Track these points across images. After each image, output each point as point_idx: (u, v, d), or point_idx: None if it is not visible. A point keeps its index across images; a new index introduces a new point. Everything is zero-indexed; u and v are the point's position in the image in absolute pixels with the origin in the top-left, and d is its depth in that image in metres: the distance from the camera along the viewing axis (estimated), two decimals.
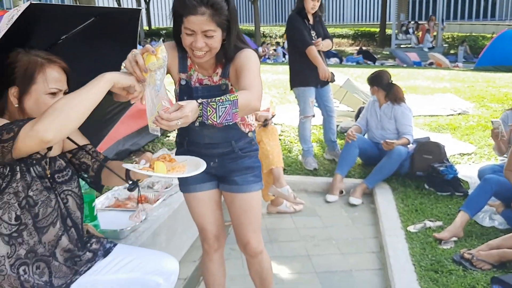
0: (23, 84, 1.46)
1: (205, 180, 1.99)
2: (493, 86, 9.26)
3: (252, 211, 2.04)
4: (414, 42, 22.23)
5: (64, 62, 1.54)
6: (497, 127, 3.42)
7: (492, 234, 3.08)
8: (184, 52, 1.81)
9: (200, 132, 1.90)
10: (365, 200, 3.95)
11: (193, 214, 2.08)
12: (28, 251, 1.53)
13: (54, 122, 1.29)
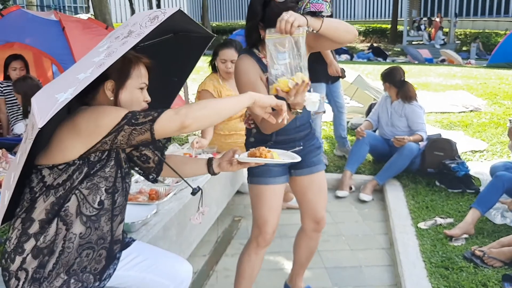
0: (119, 79, 1.53)
1: (284, 173, 2.12)
2: (506, 83, 9.16)
3: (326, 188, 2.25)
4: (425, 39, 22.04)
5: (148, 59, 1.62)
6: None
7: (503, 231, 3.06)
8: (256, 55, 1.99)
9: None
10: (375, 196, 3.94)
11: (263, 207, 2.10)
12: (100, 237, 1.56)
13: (196, 112, 1.41)
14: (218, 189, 3.16)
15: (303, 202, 2.24)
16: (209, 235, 3.17)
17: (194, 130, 1.64)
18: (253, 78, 1.94)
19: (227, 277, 2.75)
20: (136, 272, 1.67)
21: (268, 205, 2.09)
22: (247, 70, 1.96)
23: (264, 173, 2.07)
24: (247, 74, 1.96)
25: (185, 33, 1.93)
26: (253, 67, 1.96)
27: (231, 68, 3.36)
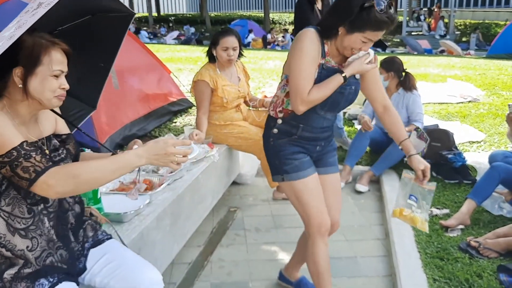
0: (28, 65, 1.45)
1: (312, 164, 2.13)
2: (505, 74, 9.12)
3: (340, 191, 2.29)
4: (425, 29, 21.93)
5: (66, 44, 1.54)
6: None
7: (499, 222, 3.05)
8: (322, 40, 1.96)
9: (324, 116, 2.07)
10: (371, 187, 3.93)
11: (312, 198, 2.08)
12: (48, 241, 1.53)
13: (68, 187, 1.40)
14: (213, 179, 3.15)
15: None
16: (204, 226, 3.16)
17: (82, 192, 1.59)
18: (310, 57, 1.94)
19: (221, 268, 2.75)
20: (99, 277, 1.65)
21: (317, 194, 2.10)
22: (310, 46, 1.94)
23: (300, 167, 2.08)
24: (308, 50, 1.94)
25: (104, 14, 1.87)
26: (317, 46, 1.95)
27: (233, 56, 3.34)
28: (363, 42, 1.88)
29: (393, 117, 2.12)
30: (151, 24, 26.82)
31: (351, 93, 2.06)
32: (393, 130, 2.12)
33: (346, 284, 2.58)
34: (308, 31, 1.96)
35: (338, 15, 1.91)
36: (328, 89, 1.94)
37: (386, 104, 2.13)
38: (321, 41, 1.96)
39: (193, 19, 28.60)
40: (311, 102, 1.95)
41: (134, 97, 4.79)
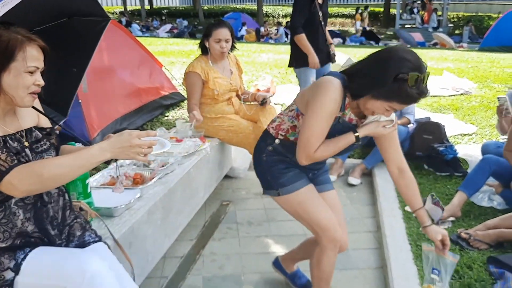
0: (2, 61, 1.44)
1: (306, 176, 2.09)
2: (497, 67, 9.17)
3: (341, 207, 2.23)
4: (418, 22, 21.93)
5: (43, 41, 1.52)
6: (502, 104, 3.36)
7: (490, 214, 3.07)
8: (345, 92, 1.87)
9: None
10: (364, 180, 3.94)
11: (314, 208, 2.02)
12: (21, 233, 1.52)
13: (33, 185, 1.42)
14: (205, 173, 3.14)
15: None
16: (196, 220, 3.16)
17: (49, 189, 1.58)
18: (328, 115, 1.86)
19: (213, 261, 2.75)
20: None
21: (318, 203, 2.04)
22: (332, 104, 1.85)
23: (295, 178, 2.03)
24: (329, 108, 1.85)
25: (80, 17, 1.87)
26: (338, 103, 1.86)
27: (226, 48, 3.33)
28: (386, 110, 1.81)
29: (409, 182, 2.01)
30: (143, 17, 26.63)
31: (357, 146, 2.01)
32: (408, 196, 2.02)
33: (338, 276, 2.58)
34: (334, 85, 1.85)
35: (370, 82, 1.78)
36: (337, 148, 1.90)
37: (403, 167, 2.02)
38: (343, 95, 1.87)
39: (186, 12, 28.42)
40: (316, 159, 1.91)
41: (125, 91, 4.76)
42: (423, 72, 1.72)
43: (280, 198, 2.06)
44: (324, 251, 2.05)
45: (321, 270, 2.10)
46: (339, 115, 1.90)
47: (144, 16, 27.00)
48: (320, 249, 2.08)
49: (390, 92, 1.73)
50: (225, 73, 3.46)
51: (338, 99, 1.85)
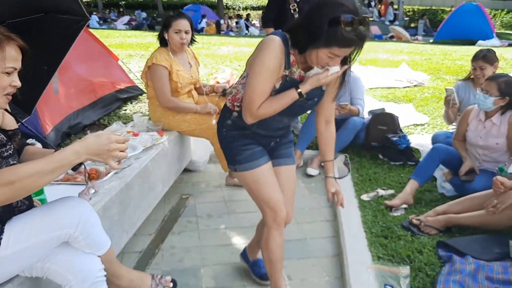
0: None
1: (265, 154, 2.10)
2: (449, 59, 9.52)
3: (295, 183, 2.24)
4: (375, 15, 22.41)
5: (22, 40, 1.48)
6: (450, 95, 3.51)
7: (440, 200, 3.21)
8: (288, 48, 1.86)
9: (281, 119, 2.04)
10: (321, 170, 4.01)
11: (267, 188, 2.05)
12: None
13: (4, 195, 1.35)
14: (163, 167, 3.12)
15: None
16: (156, 214, 3.14)
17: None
18: (269, 72, 1.86)
19: (173, 255, 2.75)
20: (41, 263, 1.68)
21: (272, 183, 2.07)
22: (272, 60, 1.85)
23: (252, 157, 2.05)
24: (269, 64, 1.85)
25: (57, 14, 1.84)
26: (279, 60, 1.86)
27: (186, 39, 3.31)
28: (329, 57, 1.80)
29: (329, 136, 2.15)
30: (100, 9, 25.93)
31: (313, 103, 2.03)
32: (325, 148, 2.17)
33: (295, 265, 2.65)
34: (274, 42, 1.84)
35: (309, 31, 1.77)
36: (280, 104, 1.90)
37: (330, 120, 2.14)
38: (287, 52, 1.87)
39: (144, 4, 27.84)
40: (260, 116, 1.92)
41: (79, 86, 4.64)
42: (359, 15, 1.71)
43: (237, 174, 2.11)
44: (270, 231, 2.12)
45: (269, 250, 2.16)
46: (285, 73, 1.89)
47: (101, 7, 26.29)
48: (266, 229, 2.14)
49: (328, 38, 1.71)
50: (185, 66, 3.45)
51: (279, 56, 1.84)
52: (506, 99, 3.05)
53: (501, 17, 22.76)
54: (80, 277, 1.64)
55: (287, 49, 1.87)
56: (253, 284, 2.48)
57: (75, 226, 1.62)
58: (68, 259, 1.66)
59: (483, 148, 3.19)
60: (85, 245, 1.69)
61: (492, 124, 3.13)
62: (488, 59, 3.56)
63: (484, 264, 2.34)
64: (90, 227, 1.67)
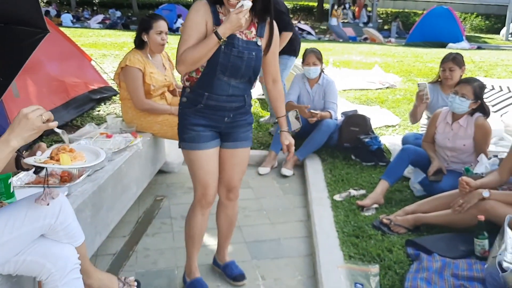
0: None
1: (214, 138, 2.19)
2: (420, 61, 9.74)
3: (246, 162, 2.36)
4: (350, 17, 22.71)
5: None
6: (422, 89, 3.58)
7: (409, 200, 3.30)
8: (215, 7, 2.04)
9: (228, 82, 2.09)
10: (296, 171, 4.07)
11: (200, 171, 2.18)
12: None
13: None
14: (137, 168, 3.11)
15: (221, 171, 2.30)
16: (130, 216, 3.13)
17: None
18: (192, 24, 2.02)
19: (147, 257, 2.75)
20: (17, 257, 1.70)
21: (205, 169, 2.18)
22: (193, 15, 2.02)
23: (195, 139, 2.14)
24: (191, 18, 2.02)
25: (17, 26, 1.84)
26: (202, 14, 2.02)
27: (165, 40, 3.36)
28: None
29: (278, 93, 2.32)
30: (73, 7, 25.46)
31: (251, 58, 2.09)
32: (276, 104, 2.34)
33: (269, 265, 2.68)
34: (196, 3, 2.05)
35: None
36: (202, 48, 1.97)
37: (277, 79, 2.29)
38: (213, 10, 2.04)
39: (119, 3, 27.46)
40: (186, 61, 2.00)
41: (51, 86, 4.57)
42: None
43: (182, 150, 2.22)
44: (195, 208, 2.29)
45: (189, 225, 2.33)
46: (215, 29, 1.97)
47: (74, 5, 25.82)
48: (192, 206, 2.31)
49: None
50: (160, 68, 3.45)
51: (201, 10, 2.02)
52: (478, 102, 3.17)
53: (471, 20, 23.40)
54: (59, 264, 1.68)
55: (213, 7, 2.04)
56: (227, 285, 2.50)
57: (56, 216, 1.70)
58: (46, 249, 1.69)
59: (451, 150, 3.29)
60: (63, 235, 1.76)
61: (459, 126, 3.24)
62: (458, 61, 3.67)
63: (450, 261, 2.42)
64: (68, 217, 1.75)
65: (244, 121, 2.25)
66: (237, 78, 2.11)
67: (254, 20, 2.12)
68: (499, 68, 8.93)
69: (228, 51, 2.03)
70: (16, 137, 1.44)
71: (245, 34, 2.09)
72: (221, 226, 2.51)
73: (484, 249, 2.48)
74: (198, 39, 2.01)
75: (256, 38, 2.12)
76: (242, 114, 2.23)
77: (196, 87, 2.11)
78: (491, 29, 22.24)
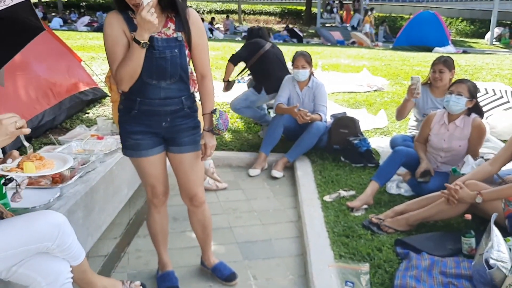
0: None
1: (156, 145, 2.18)
2: (407, 65, 9.86)
3: (199, 167, 2.31)
4: (338, 21, 22.87)
5: None
6: (415, 83, 3.63)
7: (398, 201, 3.34)
8: (127, 14, 1.99)
9: (158, 85, 2.05)
10: (286, 173, 4.10)
11: (144, 175, 2.25)
12: None
13: None
14: (128, 170, 3.11)
15: (177, 178, 2.34)
16: (121, 217, 3.13)
17: None
18: (110, 40, 1.98)
19: (138, 258, 2.75)
20: None
21: (148, 174, 2.23)
22: (108, 29, 1.98)
23: (135, 147, 2.16)
24: (108, 34, 1.98)
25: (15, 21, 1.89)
26: (116, 27, 1.97)
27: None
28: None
29: (207, 89, 2.21)
30: (60, 9, 25.26)
31: (175, 56, 2.03)
32: (203, 100, 2.24)
33: (260, 265, 2.71)
34: (107, 17, 2.01)
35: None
36: (130, 60, 1.93)
37: (205, 75, 2.19)
38: (125, 17, 1.99)
39: (106, 5, 27.32)
40: (123, 79, 1.97)
41: (41, 87, 4.54)
42: None
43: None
44: (149, 208, 2.40)
45: (149, 225, 2.44)
46: (133, 35, 1.92)
47: (61, 8, 25.62)
48: (147, 206, 2.41)
49: None
50: None
51: (114, 22, 1.97)
52: (474, 101, 3.23)
53: (456, 24, 23.72)
54: (50, 279, 1.72)
55: (125, 15, 1.99)
56: (219, 285, 2.52)
57: (53, 239, 1.73)
58: (38, 263, 1.72)
59: (446, 151, 3.34)
60: (60, 254, 1.80)
61: (456, 127, 3.29)
62: (448, 64, 3.75)
63: (438, 259, 2.47)
64: (67, 238, 1.79)
65: (185, 125, 2.17)
66: (166, 79, 2.05)
67: (170, 15, 2.04)
68: (484, 71, 9.09)
69: (149, 54, 1.97)
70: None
71: (164, 32, 2.02)
72: (196, 231, 2.52)
73: (471, 247, 2.53)
74: (124, 52, 1.97)
75: (176, 33, 2.04)
76: (182, 117, 2.15)
77: (129, 93, 2.07)
78: (476, 33, 22.58)
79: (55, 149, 2.80)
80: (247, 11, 26.31)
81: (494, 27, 19.43)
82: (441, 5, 24.77)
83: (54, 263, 1.77)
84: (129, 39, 1.97)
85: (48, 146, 3.14)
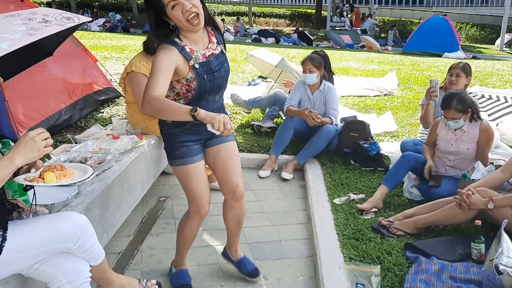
0: None
1: (201, 151, 2.29)
2: (418, 70, 9.85)
3: (238, 156, 2.39)
4: (347, 25, 22.88)
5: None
6: (433, 86, 3.69)
7: (408, 205, 3.37)
8: (179, 45, 2.06)
9: (213, 99, 2.21)
10: (296, 175, 4.14)
11: (194, 183, 2.27)
12: None
13: None
14: (142, 169, 3.17)
15: (216, 171, 2.39)
16: (134, 216, 3.19)
17: None
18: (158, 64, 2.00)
19: (151, 256, 2.80)
20: None
21: (198, 181, 2.27)
22: (162, 57, 2.02)
23: (186, 154, 2.23)
24: (158, 59, 2.01)
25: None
26: (172, 56, 2.03)
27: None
28: (173, 7, 2.00)
29: None
30: (73, 9, 25.46)
31: (227, 70, 2.23)
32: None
33: (271, 266, 2.75)
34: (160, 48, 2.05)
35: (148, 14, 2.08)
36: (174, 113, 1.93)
37: None
38: (179, 48, 2.05)
39: (118, 6, 27.53)
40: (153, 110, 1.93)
41: (57, 86, 4.62)
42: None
43: (173, 167, 2.30)
44: (189, 218, 2.39)
45: (184, 233, 2.45)
46: (191, 63, 2.07)
47: (74, 8, 25.83)
48: (187, 215, 2.41)
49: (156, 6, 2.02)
50: None
51: (167, 52, 2.02)
52: (469, 111, 3.25)
53: (466, 30, 23.62)
54: (71, 278, 1.78)
55: (178, 46, 2.06)
56: (231, 284, 2.56)
57: (75, 240, 1.79)
58: (60, 262, 1.77)
59: (454, 154, 3.36)
60: (81, 254, 1.86)
61: (463, 132, 3.32)
62: (466, 69, 3.85)
63: (448, 264, 2.50)
64: (88, 240, 1.84)
65: None
66: (221, 92, 2.26)
67: (208, 28, 2.20)
68: (494, 77, 9.07)
69: (211, 78, 2.13)
70: (21, 156, 1.57)
71: (210, 48, 2.17)
72: (230, 225, 2.56)
73: (481, 253, 2.55)
74: (165, 81, 2.00)
75: (219, 46, 2.22)
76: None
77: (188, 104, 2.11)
78: (486, 39, 22.47)
79: (72, 147, 2.85)
80: (257, 13, 26.39)
81: (504, 33, 19.31)
82: (451, 10, 24.65)
83: (75, 262, 1.83)
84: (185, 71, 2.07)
85: (65, 144, 3.20)
